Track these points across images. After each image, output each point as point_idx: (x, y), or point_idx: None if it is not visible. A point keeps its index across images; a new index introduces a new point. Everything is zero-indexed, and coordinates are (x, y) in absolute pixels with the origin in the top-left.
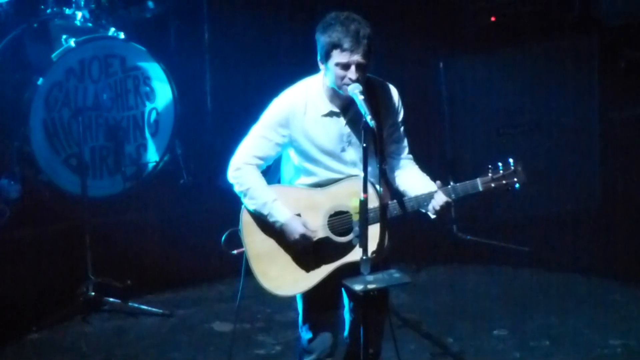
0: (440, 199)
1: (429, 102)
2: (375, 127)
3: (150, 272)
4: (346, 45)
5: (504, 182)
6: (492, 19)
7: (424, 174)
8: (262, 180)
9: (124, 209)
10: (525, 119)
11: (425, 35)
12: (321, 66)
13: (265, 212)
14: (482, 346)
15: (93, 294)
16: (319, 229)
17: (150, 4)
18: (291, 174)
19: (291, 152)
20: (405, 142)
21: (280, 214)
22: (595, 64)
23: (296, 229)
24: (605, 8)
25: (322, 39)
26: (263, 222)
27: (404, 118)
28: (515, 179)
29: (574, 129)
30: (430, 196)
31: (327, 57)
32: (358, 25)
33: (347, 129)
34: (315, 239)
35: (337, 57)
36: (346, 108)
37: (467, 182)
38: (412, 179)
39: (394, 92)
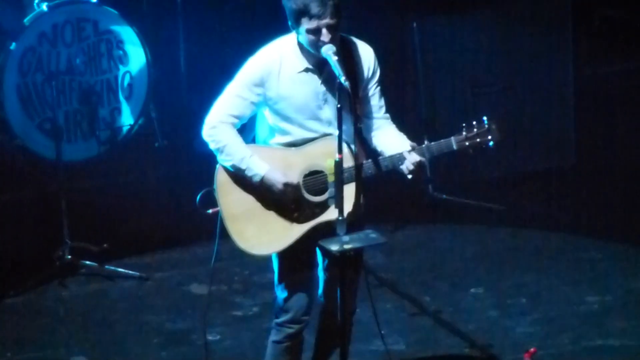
0: (413, 158)
1: (403, 63)
2: (350, 87)
3: (126, 236)
4: (313, 11)
5: (478, 140)
6: None
7: (401, 134)
8: (238, 137)
9: (99, 173)
10: (500, 78)
11: None
12: (293, 31)
13: (243, 166)
14: (459, 305)
15: (69, 257)
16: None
17: None
18: (265, 134)
19: (266, 112)
20: (382, 102)
21: (259, 167)
22: (569, 22)
23: (278, 179)
24: None
25: (288, 6)
26: (239, 181)
27: (380, 78)
28: (490, 137)
29: (548, 87)
30: (404, 156)
31: (297, 23)
32: None
33: (323, 87)
34: (298, 183)
35: (307, 23)
36: (321, 66)
37: (442, 141)
38: (388, 138)
39: (369, 51)
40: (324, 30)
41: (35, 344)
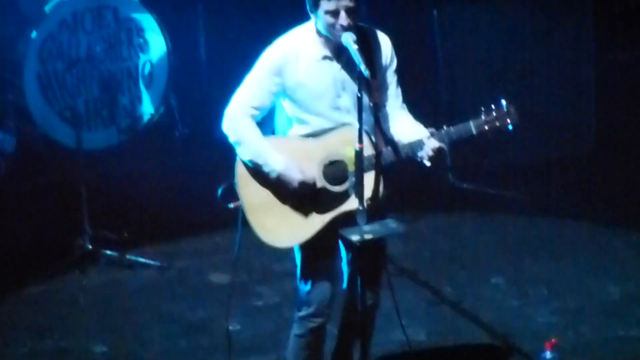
0: (432, 144)
1: (423, 50)
2: (369, 76)
3: (147, 225)
4: None
5: (497, 123)
6: None
7: (418, 122)
8: (256, 130)
9: (119, 162)
10: (520, 64)
11: None
12: (311, 15)
13: (260, 161)
14: (480, 294)
15: (90, 246)
16: (314, 178)
17: None
18: (284, 125)
19: (284, 102)
20: (399, 91)
21: (276, 162)
22: (590, 9)
23: (294, 176)
24: None
25: None
26: (258, 174)
27: (397, 67)
28: (509, 120)
29: (569, 74)
30: (423, 142)
31: (315, 6)
32: None
33: (342, 75)
34: (313, 183)
35: (325, 5)
36: (340, 53)
37: (460, 125)
38: (405, 127)
39: (387, 41)
40: (343, 13)
41: (56, 333)
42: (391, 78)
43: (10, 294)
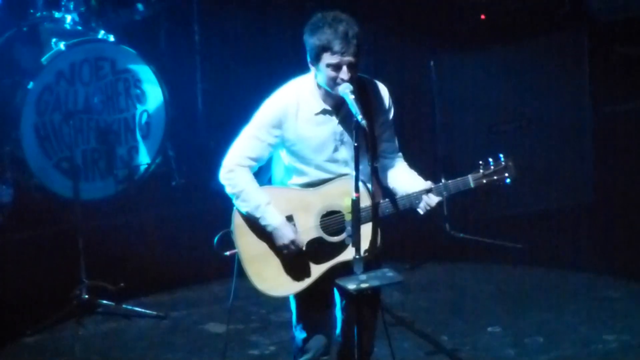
0: (432, 199)
1: (420, 100)
2: (367, 126)
3: (143, 275)
4: (336, 47)
5: (495, 177)
6: (482, 16)
7: (413, 171)
8: (254, 183)
9: (116, 212)
10: (517, 115)
11: (415, 33)
12: (312, 68)
13: (257, 215)
14: (477, 343)
15: (87, 296)
16: (311, 229)
17: (140, 7)
18: (282, 175)
19: (282, 153)
20: (395, 140)
21: (273, 217)
22: (586, 59)
23: (286, 234)
24: (595, 4)
25: (310, 42)
26: (255, 224)
27: (394, 116)
28: (507, 174)
29: (566, 125)
30: (422, 194)
31: (317, 59)
32: (346, 26)
33: (340, 128)
34: (303, 248)
35: (328, 59)
36: (338, 107)
37: (459, 179)
38: (402, 177)
39: (384, 90)
40: (345, 68)
41: None
42: (389, 127)
43: (6, 343)
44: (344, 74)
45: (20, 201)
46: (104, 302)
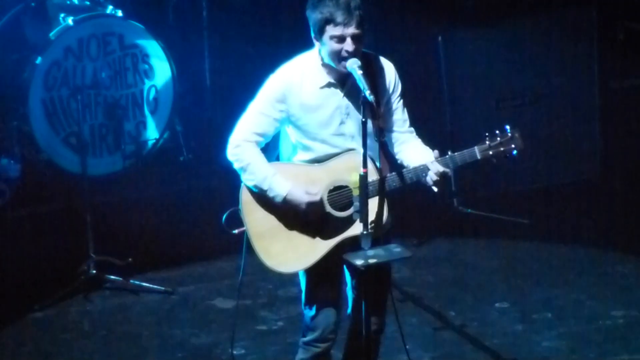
0: (436, 169)
1: (428, 76)
2: (374, 102)
3: (151, 250)
4: (339, 19)
5: (501, 149)
6: None
7: (427, 147)
8: (261, 156)
9: (124, 187)
10: (525, 91)
11: (423, 9)
12: (316, 42)
13: (265, 187)
14: (484, 319)
15: (94, 272)
16: (321, 196)
17: None
18: (289, 151)
19: (288, 129)
20: (405, 116)
21: (281, 187)
22: (595, 34)
23: (300, 199)
24: None
25: (313, 16)
26: (263, 200)
27: (402, 92)
28: (513, 145)
29: (574, 100)
30: (427, 167)
31: (320, 32)
32: None
33: (346, 101)
34: (321, 202)
35: (331, 31)
36: (343, 80)
37: (465, 150)
38: (412, 152)
39: (390, 66)
40: (349, 40)
41: (60, 358)
42: (397, 103)
43: (15, 318)
44: (349, 45)
45: (28, 176)
46: (112, 277)
